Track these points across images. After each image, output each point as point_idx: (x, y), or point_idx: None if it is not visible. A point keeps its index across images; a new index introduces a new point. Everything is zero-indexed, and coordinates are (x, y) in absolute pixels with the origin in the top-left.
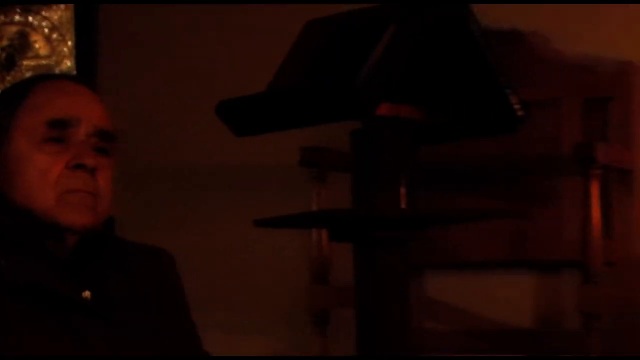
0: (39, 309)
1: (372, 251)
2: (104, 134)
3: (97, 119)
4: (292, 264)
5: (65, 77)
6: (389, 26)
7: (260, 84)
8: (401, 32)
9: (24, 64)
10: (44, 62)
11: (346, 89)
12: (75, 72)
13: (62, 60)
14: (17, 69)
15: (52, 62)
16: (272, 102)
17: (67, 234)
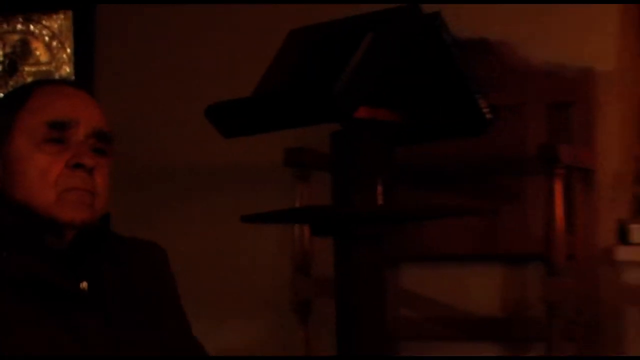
0: (38, 300)
1: (351, 245)
2: (102, 135)
3: (95, 121)
4: (276, 257)
5: (64, 81)
6: (367, 35)
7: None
8: (378, 41)
9: (26, 69)
10: (44, 68)
11: (326, 94)
12: (73, 77)
13: (61, 66)
14: (19, 74)
15: (52, 68)
16: (258, 106)
17: (66, 230)
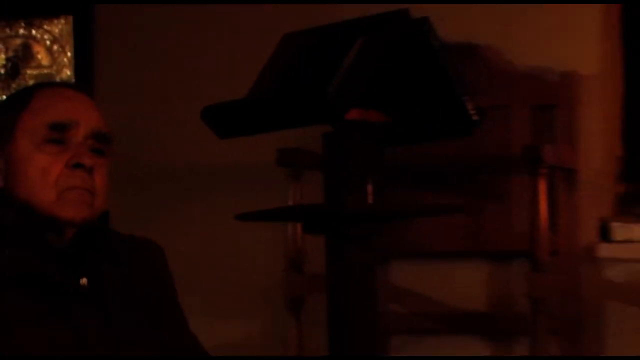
0: (39, 296)
1: (343, 243)
2: (101, 136)
3: (94, 123)
4: (270, 255)
5: (64, 84)
6: (358, 39)
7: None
8: (369, 45)
9: (28, 72)
10: (45, 71)
11: (319, 96)
12: (74, 80)
13: (62, 69)
14: (21, 77)
15: (53, 71)
16: (252, 108)
17: (66, 228)
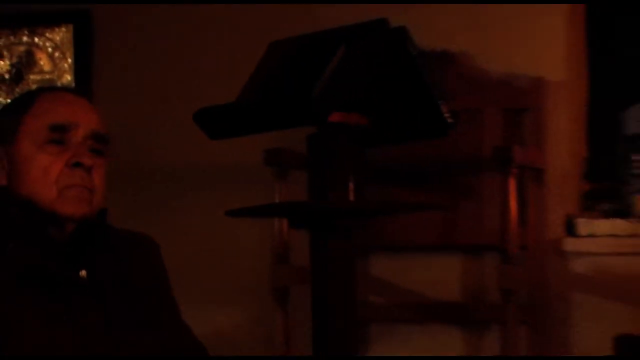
0: (41, 287)
1: (326, 237)
2: (99, 137)
3: (93, 124)
4: (257, 248)
5: (65, 88)
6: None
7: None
8: (350, 52)
9: (30, 78)
10: (47, 76)
11: (303, 100)
12: (74, 85)
13: (62, 74)
14: (24, 82)
15: (54, 77)
16: (241, 111)
17: (67, 223)
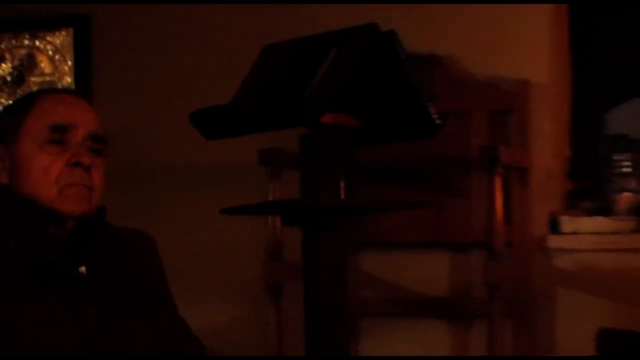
0: (42, 282)
1: (318, 234)
2: (98, 137)
3: (92, 125)
4: (252, 245)
5: (65, 90)
6: (331, 51)
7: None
8: (341, 56)
9: (32, 80)
10: (48, 78)
11: (296, 102)
12: (73, 87)
13: (63, 77)
14: (25, 84)
15: (55, 79)
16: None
17: (67, 220)
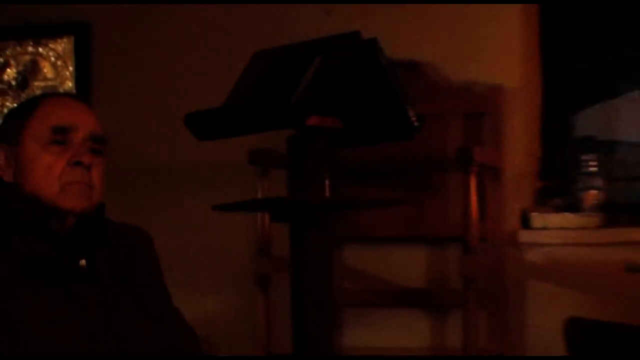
0: (44, 275)
1: (304, 229)
2: (97, 138)
3: (92, 126)
4: (241, 240)
5: (66, 94)
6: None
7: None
8: (326, 62)
9: (35, 84)
10: (50, 83)
11: (283, 106)
12: (74, 91)
13: (64, 81)
14: (29, 88)
15: (57, 83)
16: (227, 115)
17: (68, 216)
